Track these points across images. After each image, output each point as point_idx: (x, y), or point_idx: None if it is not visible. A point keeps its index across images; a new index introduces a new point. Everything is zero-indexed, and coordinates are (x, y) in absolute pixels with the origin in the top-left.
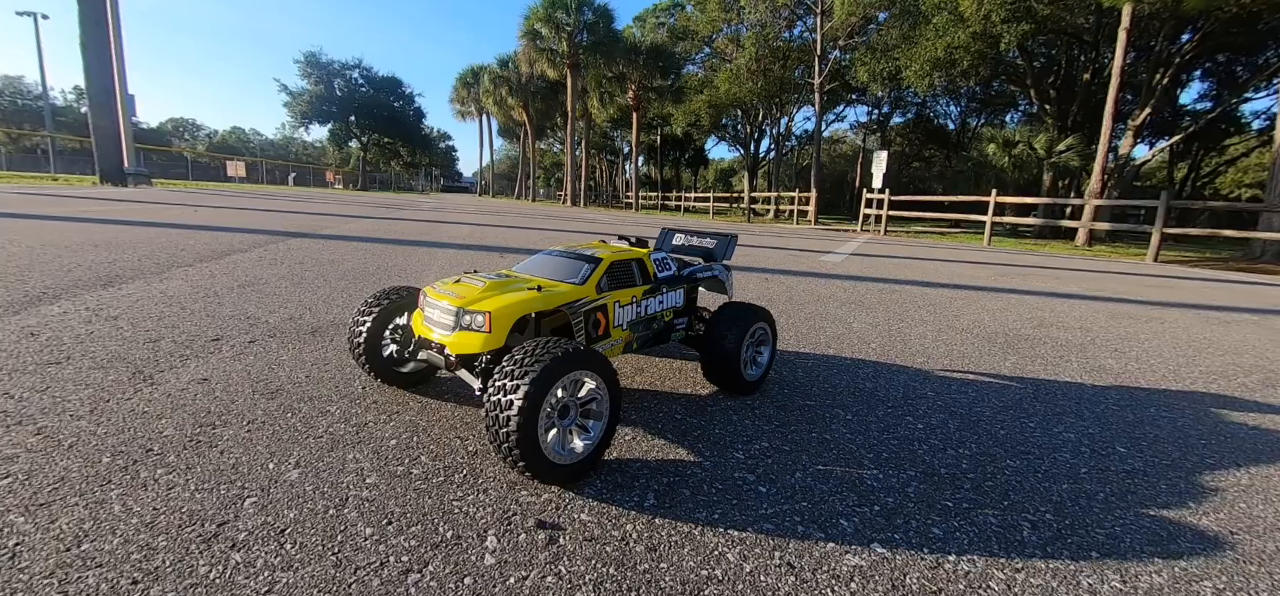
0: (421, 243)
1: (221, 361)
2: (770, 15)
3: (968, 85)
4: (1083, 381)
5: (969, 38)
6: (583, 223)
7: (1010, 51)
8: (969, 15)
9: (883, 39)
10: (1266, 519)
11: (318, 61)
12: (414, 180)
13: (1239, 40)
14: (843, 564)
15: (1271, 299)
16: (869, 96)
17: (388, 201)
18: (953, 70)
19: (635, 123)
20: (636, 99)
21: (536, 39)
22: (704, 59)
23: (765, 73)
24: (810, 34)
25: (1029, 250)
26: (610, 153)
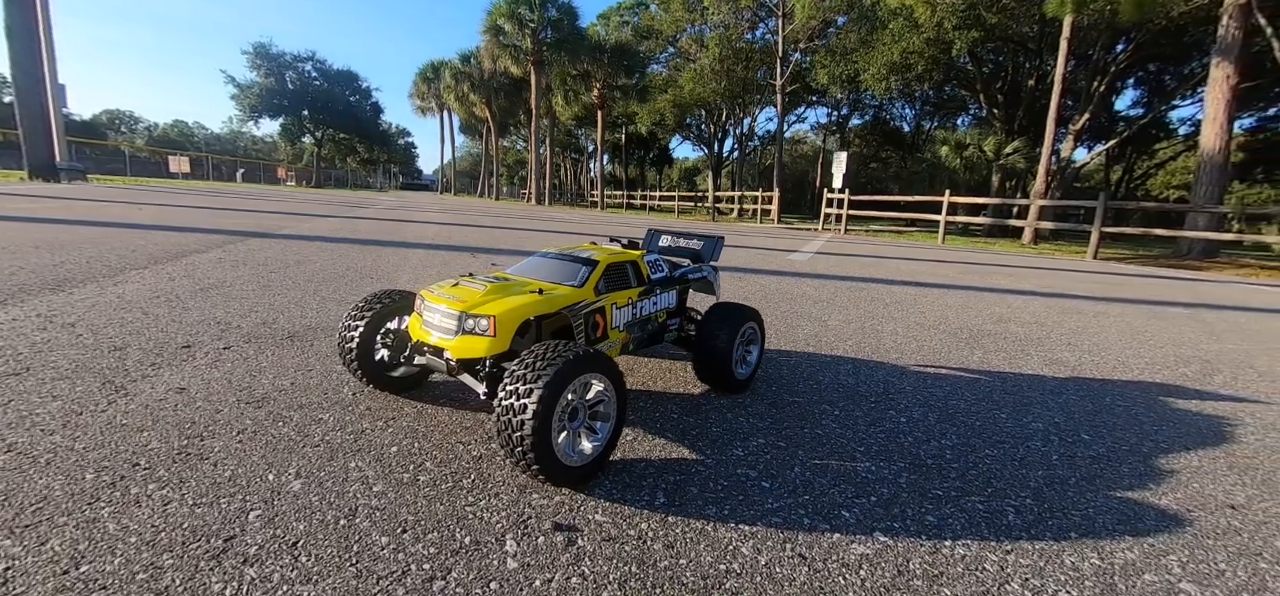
0: (388, 242)
1: (197, 370)
2: (733, 16)
3: (922, 89)
4: (1044, 373)
5: (923, 43)
6: (553, 223)
7: (961, 57)
8: (923, 21)
9: (842, 42)
10: (1217, 497)
11: (268, 53)
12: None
13: (1167, 51)
14: (850, 553)
15: (1199, 293)
16: (829, 98)
17: (346, 199)
18: (908, 74)
19: (600, 121)
20: (601, 97)
21: (499, 35)
22: (668, 58)
23: (728, 73)
24: (772, 36)
25: (980, 248)
26: (574, 151)
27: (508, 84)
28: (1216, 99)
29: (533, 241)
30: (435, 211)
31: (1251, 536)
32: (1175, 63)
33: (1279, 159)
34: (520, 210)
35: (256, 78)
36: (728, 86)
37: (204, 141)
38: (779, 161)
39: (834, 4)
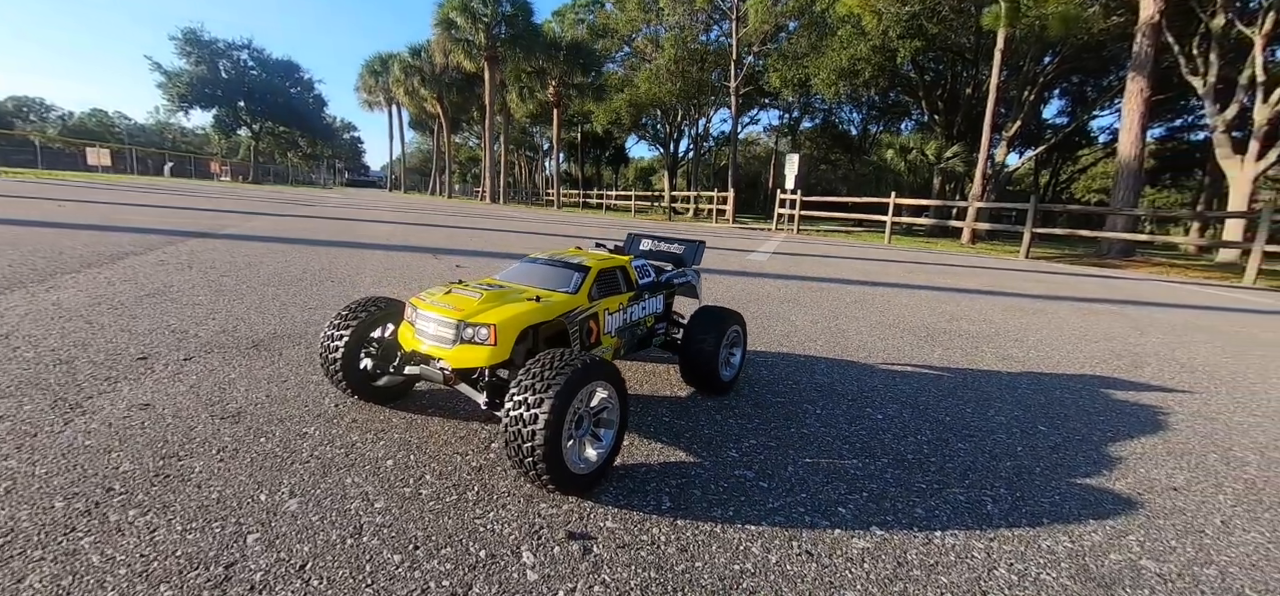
0: (342, 243)
1: (159, 383)
2: (688, 18)
3: (869, 94)
4: (999, 369)
5: (870, 50)
6: (512, 222)
7: (905, 65)
8: (870, 29)
9: (793, 47)
10: (1161, 481)
11: (198, 39)
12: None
13: (1089, 65)
14: (852, 547)
15: (1122, 291)
16: (781, 101)
17: (289, 196)
18: (856, 80)
19: (556, 119)
20: (557, 95)
21: (452, 29)
22: (624, 58)
23: (684, 74)
24: (726, 39)
25: (924, 248)
26: (530, 149)
27: (460, 79)
28: (1132, 110)
29: (494, 242)
30: (387, 210)
31: (1193, 515)
32: (1095, 75)
33: (1184, 166)
34: (475, 209)
35: (186, 65)
36: (683, 87)
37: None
38: (733, 162)
39: (786, 9)
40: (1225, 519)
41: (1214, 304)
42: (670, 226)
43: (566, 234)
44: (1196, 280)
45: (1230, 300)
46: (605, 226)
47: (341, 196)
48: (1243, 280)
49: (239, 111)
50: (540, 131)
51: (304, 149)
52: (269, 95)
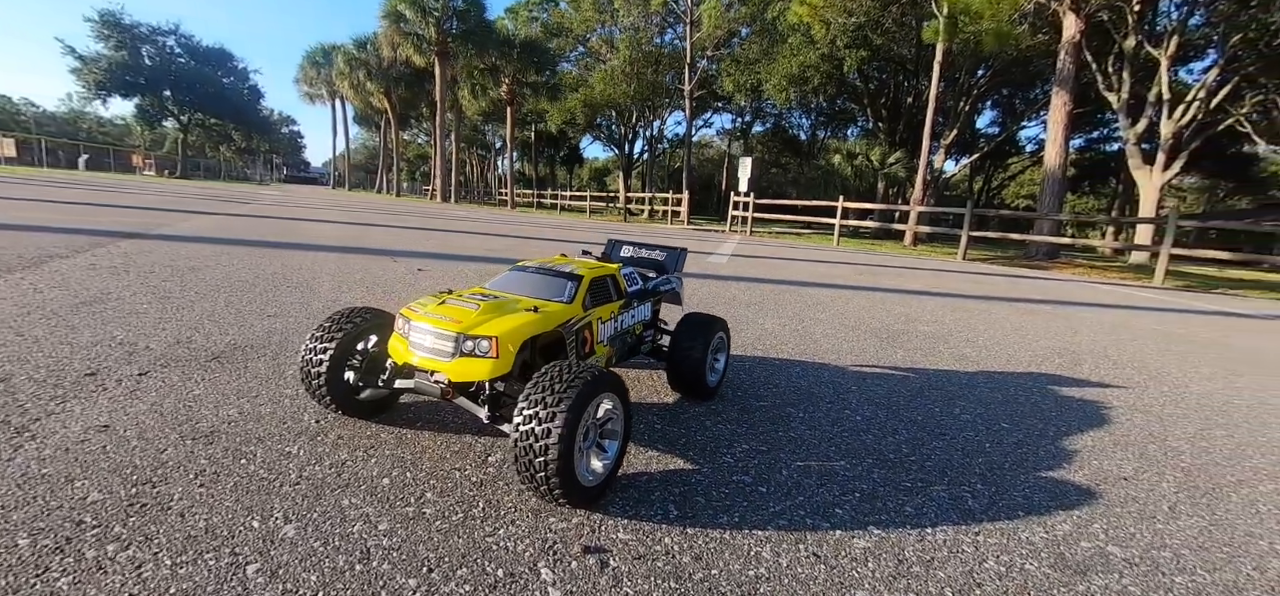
0: (290, 244)
1: (115, 402)
2: (643, 20)
3: (817, 101)
4: (957, 368)
5: (819, 58)
6: (468, 223)
7: (852, 73)
8: (819, 38)
9: (746, 52)
10: (1113, 471)
11: (118, 22)
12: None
13: (1017, 78)
14: (853, 547)
15: (1052, 292)
16: (733, 105)
17: (223, 193)
18: (805, 86)
19: (510, 118)
20: (511, 93)
21: (400, 22)
22: (578, 57)
23: (638, 76)
24: (680, 42)
25: (870, 250)
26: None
27: (409, 74)
28: (1056, 122)
29: (453, 244)
30: (333, 208)
31: (1145, 503)
32: (1023, 88)
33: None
34: (427, 208)
35: (104, 50)
36: (638, 89)
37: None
38: (688, 164)
39: (738, 15)
40: (1171, 505)
41: (1132, 303)
42: (648, 231)
43: (526, 236)
44: (1114, 281)
45: (1145, 299)
46: (565, 228)
47: (280, 194)
48: (1153, 280)
49: (165, 101)
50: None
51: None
52: (199, 85)
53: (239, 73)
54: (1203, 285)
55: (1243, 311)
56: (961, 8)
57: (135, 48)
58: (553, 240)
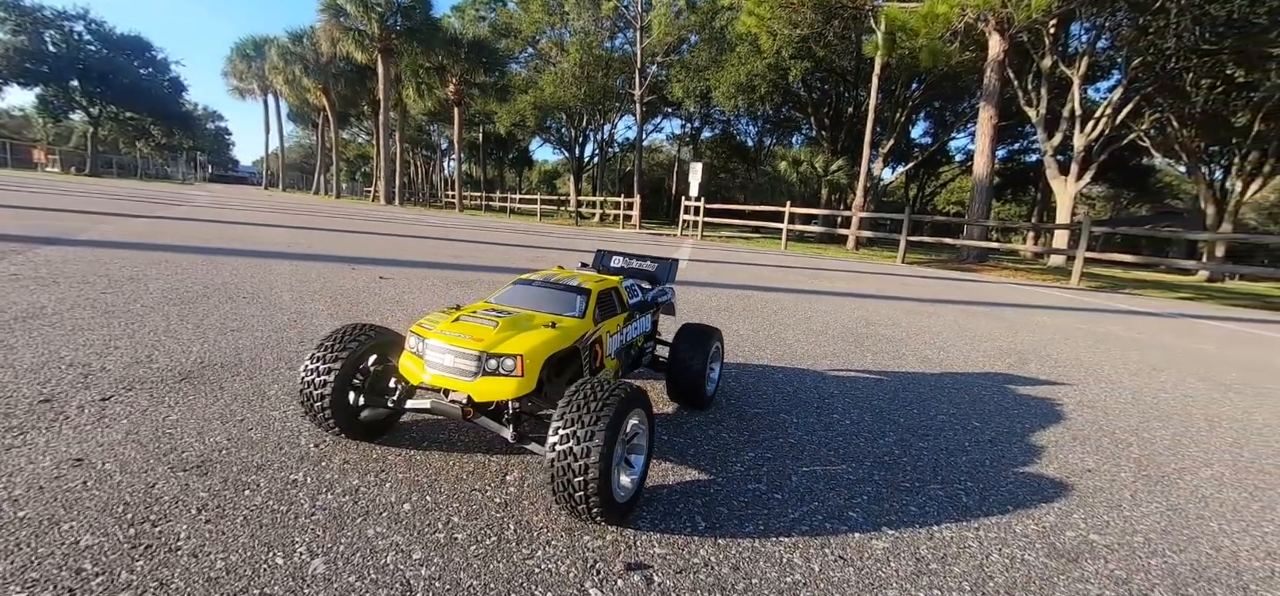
0: (235, 252)
1: (82, 431)
2: (593, 23)
3: (764, 109)
4: (922, 370)
5: (765, 68)
6: (422, 228)
7: (796, 83)
8: (765, 49)
9: (695, 59)
10: (1078, 464)
11: (16, 4)
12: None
13: (948, 92)
14: (874, 549)
15: (987, 293)
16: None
17: (144, 193)
18: (753, 94)
19: (457, 118)
20: (458, 93)
21: (340, 16)
22: (528, 59)
23: (589, 79)
24: (630, 47)
25: (816, 253)
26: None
27: (350, 70)
28: (984, 134)
29: (410, 250)
30: (271, 211)
31: (1110, 492)
32: (953, 101)
33: (1022, 183)
34: (371, 211)
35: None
36: (588, 92)
37: None
38: (639, 169)
39: (687, 23)
40: (1133, 493)
41: (1057, 304)
42: (601, 236)
43: (487, 241)
44: (1037, 282)
45: (1066, 300)
46: (523, 233)
47: (209, 194)
48: (1070, 281)
49: (71, 92)
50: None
51: (157, 138)
52: (111, 75)
53: (158, 63)
54: (1112, 285)
55: (1149, 310)
56: (899, 25)
57: (36, 33)
58: (518, 246)
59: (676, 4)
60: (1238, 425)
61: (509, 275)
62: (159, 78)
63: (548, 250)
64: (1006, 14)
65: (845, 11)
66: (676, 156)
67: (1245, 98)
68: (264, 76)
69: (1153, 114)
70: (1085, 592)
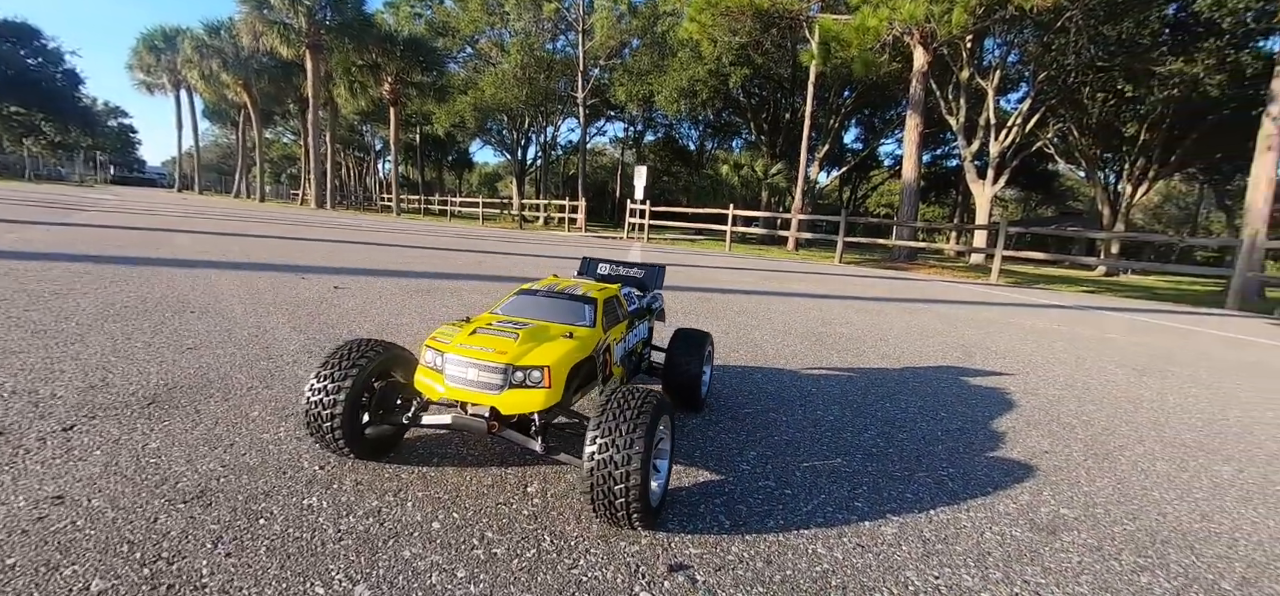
0: (165, 261)
1: (52, 465)
2: (535, 25)
3: (705, 113)
4: (885, 366)
5: (707, 73)
6: (362, 232)
7: (736, 89)
8: (707, 54)
9: (638, 63)
10: (1036, 447)
11: None
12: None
13: (877, 100)
14: (885, 534)
15: (922, 291)
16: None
17: (38, 196)
18: (695, 99)
19: (393, 119)
20: (394, 93)
21: (263, 7)
22: (467, 59)
23: (530, 81)
24: (573, 49)
25: (759, 254)
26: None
27: (274, 66)
28: (911, 141)
29: (360, 257)
30: (193, 215)
31: (1068, 471)
32: (882, 109)
33: (944, 186)
34: (302, 215)
35: None
36: (530, 94)
37: None
38: (582, 171)
39: (630, 27)
40: (1086, 470)
41: (984, 300)
42: (546, 239)
43: (434, 246)
44: (962, 280)
45: (990, 296)
46: (467, 237)
47: (116, 198)
48: (990, 278)
49: None
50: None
51: (50, 135)
52: None
53: (49, 53)
54: (1026, 281)
55: (1061, 304)
56: (833, 35)
57: None
58: (470, 252)
59: (619, 8)
60: (1155, 405)
61: (472, 283)
62: (50, 69)
63: (501, 255)
64: (930, 29)
65: (782, 21)
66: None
67: (1133, 110)
68: (176, 70)
69: (1056, 124)
70: (1067, 560)
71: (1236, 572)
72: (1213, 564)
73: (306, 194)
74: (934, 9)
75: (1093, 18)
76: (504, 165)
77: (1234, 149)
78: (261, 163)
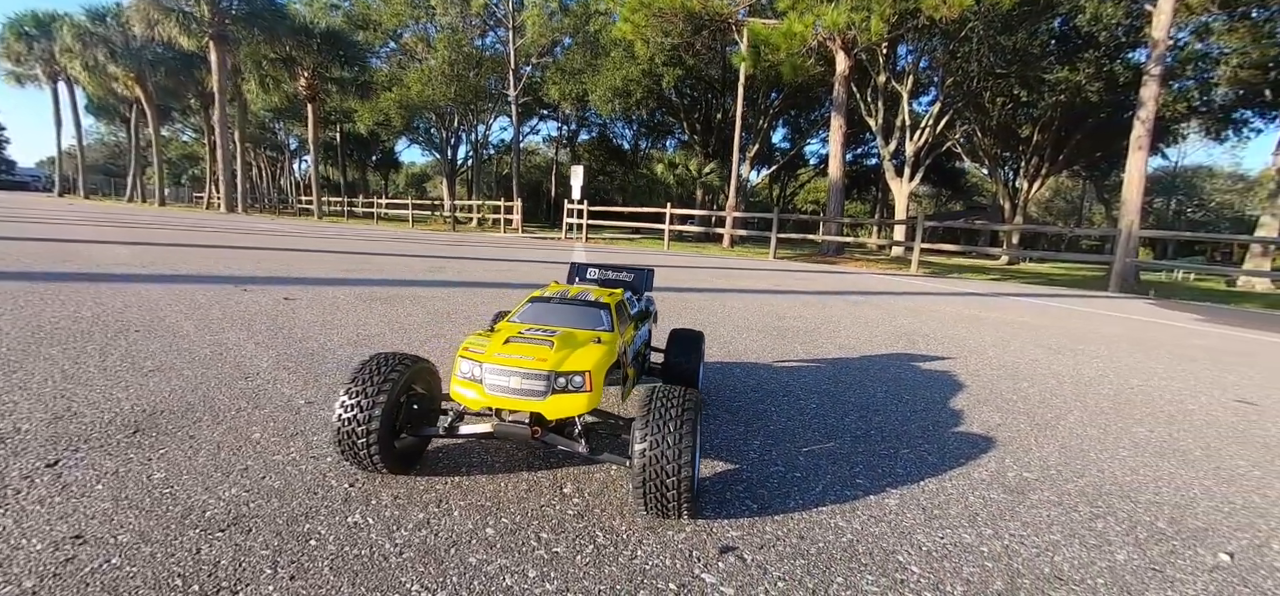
0: (83, 276)
1: (51, 504)
2: (462, 20)
3: (639, 113)
4: (845, 356)
5: (640, 73)
6: (286, 237)
7: (670, 89)
8: (640, 55)
9: (570, 62)
10: (991, 422)
11: None
12: None
13: (802, 102)
14: (889, 505)
15: (854, 284)
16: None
17: None
18: (629, 99)
19: (312, 116)
20: (312, 88)
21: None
22: (390, 54)
23: (460, 78)
24: (503, 45)
25: (697, 252)
26: (273, 148)
27: (173, 57)
28: (836, 141)
29: (299, 265)
30: (86, 223)
31: (1020, 441)
32: (807, 110)
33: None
34: (214, 220)
35: None
36: (460, 91)
37: None
38: (516, 171)
39: (562, 25)
40: (1035, 439)
41: (910, 290)
42: (483, 240)
43: (375, 252)
44: (887, 272)
45: (914, 286)
46: (404, 240)
47: None
48: (910, 269)
49: None
50: (286, 128)
51: None
52: None
53: None
54: (942, 271)
55: (976, 291)
56: (762, 39)
57: None
58: (416, 257)
59: (550, 5)
60: (1075, 380)
61: (432, 290)
62: None
63: (457, 260)
64: (851, 35)
65: (713, 24)
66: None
67: (1027, 113)
68: (53, 61)
69: (963, 125)
70: (1039, 515)
71: (1166, 514)
72: (1147, 508)
73: (213, 197)
74: (855, 17)
75: (992, 29)
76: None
77: (1111, 148)
78: (159, 163)
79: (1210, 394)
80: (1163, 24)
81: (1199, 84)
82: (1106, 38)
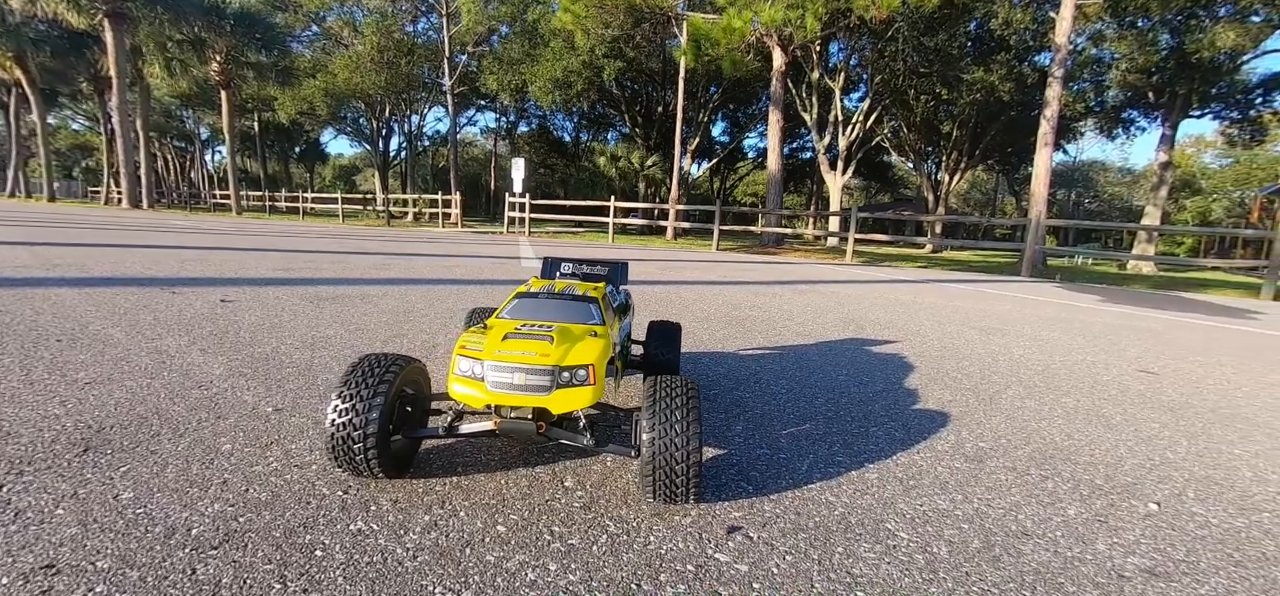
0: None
1: (8, 533)
2: (391, 5)
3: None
4: (802, 342)
5: (581, 64)
6: (207, 236)
7: (610, 81)
8: (580, 46)
9: (508, 51)
10: (944, 399)
11: None
12: None
13: (741, 96)
14: (870, 479)
15: (797, 273)
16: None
17: None
18: (569, 91)
19: (226, 103)
20: (225, 74)
21: None
22: (313, 39)
23: (391, 66)
24: (437, 33)
25: (641, 244)
26: (182, 138)
27: (60, 37)
28: (774, 136)
29: (229, 264)
30: None
31: (972, 417)
32: (745, 105)
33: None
34: (118, 217)
35: None
36: (391, 80)
37: None
38: (454, 164)
39: (499, 13)
40: (984, 413)
41: (849, 278)
42: (418, 234)
43: (308, 250)
44: (824, 261)
45: (851, 274)
46: (337, 236)
47: None
48: (845, 259)
49: None
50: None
51: None
52: None
53: None
54: (875, 260)
55: (907, 278)
56: (703, 34)
57: None
58: (355, 254)
59: None
60: (1008, 358)
61: (383, 288)
62: None
63: (391, 257)
64: (787, 32)
65: (653, 17)
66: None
67: (948, 110)
68: None
69: (890, 121)
70: (999, 479)
71: (1102, 472)
72: (1086, 468)
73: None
74: (790, 14)
75: (916, 30)
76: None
77: (1021, 144)
78: (46, 154)
79: (1119, 366)
80: (1064, 29)
81: (1094, 86)
82: (1016, 41)
